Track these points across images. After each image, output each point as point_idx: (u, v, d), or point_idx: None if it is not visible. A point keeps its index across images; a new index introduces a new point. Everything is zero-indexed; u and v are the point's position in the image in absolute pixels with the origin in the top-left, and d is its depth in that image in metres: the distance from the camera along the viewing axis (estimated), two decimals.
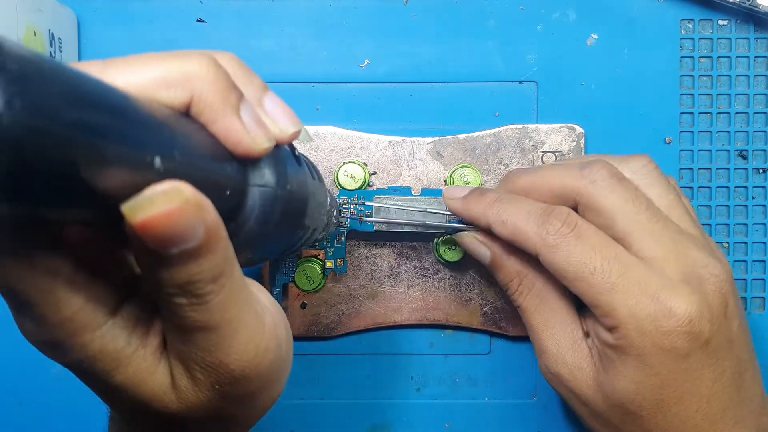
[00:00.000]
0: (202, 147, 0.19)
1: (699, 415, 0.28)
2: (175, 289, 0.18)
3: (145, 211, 0.15)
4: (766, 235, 0.38)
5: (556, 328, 0.30)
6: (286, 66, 0.37)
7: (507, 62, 0.38)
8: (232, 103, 0.20)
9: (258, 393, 0.22)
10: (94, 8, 0.37)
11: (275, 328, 0.21)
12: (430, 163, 0.37)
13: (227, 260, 0.18)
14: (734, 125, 0.38)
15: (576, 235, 0.28)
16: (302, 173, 0.24)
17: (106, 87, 0.15)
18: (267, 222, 0.21)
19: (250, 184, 0.20)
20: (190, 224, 0.16)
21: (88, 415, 0.38)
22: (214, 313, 0.18)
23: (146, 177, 0.15)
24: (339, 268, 0.36)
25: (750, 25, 0.37)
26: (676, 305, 0.26)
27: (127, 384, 0.20)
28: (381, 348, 0.38)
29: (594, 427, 0.30)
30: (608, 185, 0.29)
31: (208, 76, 0.19)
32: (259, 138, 0.20)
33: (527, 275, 0.31)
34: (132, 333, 0.20)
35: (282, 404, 0.38)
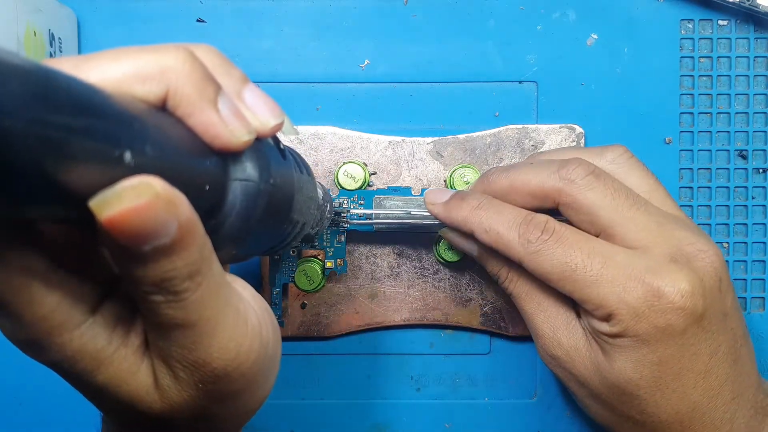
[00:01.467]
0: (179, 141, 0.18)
1: (697, 391, 0.28)
2: (150, 287, 0.17)
3: (112, 207, 0.15)
4: (766, 235, 0.38)
5: (549, 311, 0.30)
6: (286, 66, 0.37)
7: (507, 62, 0.38)
8: (209, 96, 0.19)
9: (243, 392, 0.21)
10: (94, 8, 0.37)
11: (260, 327, 0.21)
12: (430, 163, 0.37)
13: (204, 257, 0.18)
14: (734, 125, 0.38)
15: (555, 239, 0.28)
16: (287, 167, 0.24)
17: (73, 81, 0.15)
18: (249, 217, 0.20)
19: (231, 178, 0.20)
20: (161, 220, 0.16)
21: (88, 415, 0.38)
22: (191, 311, 0.18)
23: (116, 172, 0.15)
24: (339, 268, 0.36)
25: (750, 25, 0.37)
26: (664, 284, 0.27)
27: (110, 384, 0.20)
28: (381, 348, 0.38)
29: (592, 408, 0.31)
30: (586, 183, 0.29)
31: (184, 69, 0.19)
32: (238, 131, 0.20)
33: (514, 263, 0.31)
34: (113, 332, 0.19)
35: (282, 404, 0.38)
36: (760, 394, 0.30)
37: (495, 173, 0.32)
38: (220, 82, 0.20)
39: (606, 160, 0.31)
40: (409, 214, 0.34)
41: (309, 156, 0.37)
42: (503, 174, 0.31)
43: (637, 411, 0.29)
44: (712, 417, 0.28)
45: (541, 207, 0.30)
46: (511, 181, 0.31)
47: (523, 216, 0.29)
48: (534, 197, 0.30)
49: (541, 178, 0.30)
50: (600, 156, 0.31)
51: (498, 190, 0.31)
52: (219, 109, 0.19)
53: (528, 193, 0.30)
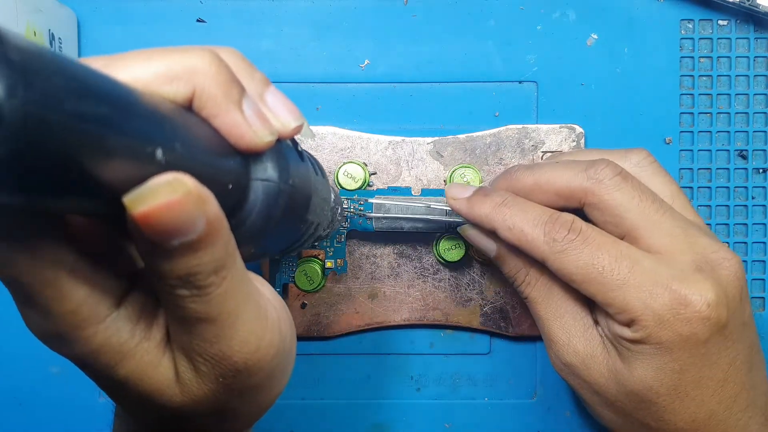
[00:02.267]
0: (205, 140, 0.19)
1: (715, 399, 0.28)
2: (176, 281, 0.18)
3: (146, 202, 0.15)
4: (766, 235, 0.38)
5: (565, 318, 0.30)
6: (286, 66, 0.37)
7: (507, 62, 0.38)
8: (234, 98, 0.20)
9: (261, 386, 0.22)
10: (94, 8, 0.37)
11: (279, 323, 0.21)
12: (430, 163, 0.37)
13: (228, 253, 0.18)
14: (734, 125, 0.38)
15: (582, 239, 0.28)
16: (305, 168, 0.24)
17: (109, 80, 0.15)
18: (270, 216, 0.21)
19: (252, 178, 0.20)
20: (191, 216, 0.16)
21: (87, 415, 0.38)
22: (215, 305, 0.19)
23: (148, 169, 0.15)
24: (339, 268, 0.36)
25: (750, 25, 0.37)
26: (691, 293, 0.27)
27: (131, 377, 0.20)
28: (381, 348, 0.38)
29: (605, 416, 0.30)
30: (614, 183, 0.29)
31: (210, 71, 0.19)
32: (261, 132, 0.20)
33: (534, 265, 0.31)
34: (136, 326, 0.20)
35: (282, 404, 0.38)
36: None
37: (519, 170, 0.31)
38: (243, 84, 0.21)
39: (630, 162, 0.31)
40: (429, 207, 0.34)
41: None
42: (528, 172, 0.31)
43: (654, 418, 0.28)
44: (726, 425, 0.28)
45: (566, 207, 0.30)
46: (536, 178, 0.30)
47: (549, 214, 0.29)
48: (559, 196, 0.30)
49: (568, 177, 0.30)
50: (624, 158, 0.31)
51: (522, 188, 0.31)
52: (243, 110, 0.20)
53: (554, 192, 0.30)
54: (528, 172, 0.31)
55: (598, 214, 0.29)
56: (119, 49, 0.39)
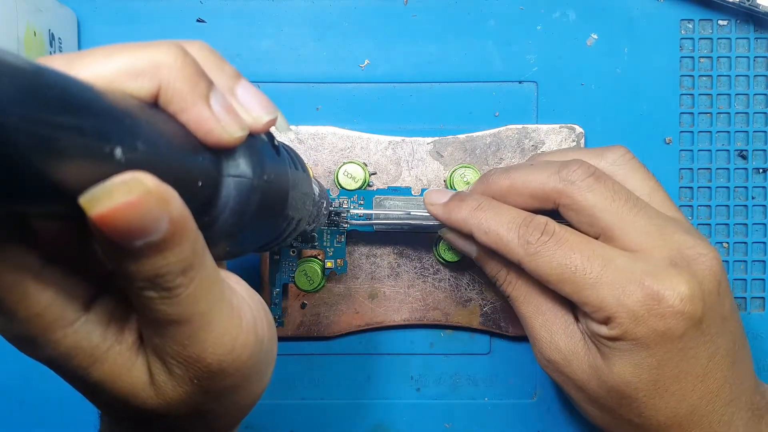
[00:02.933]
0: (171, 137, 0.18)
1: (696, 394, 0.28)
2: (143, 282, 0.17)
3: (103, 203, 0.15)
4: (766, 235, 0.38)
5: (547, 315, 0.30)
6: (286, 66, 0.37)
7: (507, 62, 0.38)
8: (201, 92, 0.19)
9: (239, 388, 0.21)
10: (94, 8, 0.37)
11: (254, 322, 0.21)
12: (430, 163, 0.37)
13: (196, 252, 0.18)
14: (734, 125, 0.38)
15: (555, 240, 0.28)
16: (281, 163, 0.24)
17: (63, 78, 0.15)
18: (243, 213, 0.20)
19: (224, 174, 0.20)
20: (152, 216, 0.16)
21: (87, 415, 0.38)
22: (185, 306, 0.18)
23: (106, 169, 0.15)
24: (339, 268, 0.36)
25: (750, 25, 0.37)
26: (664, 288, 0.27)
27: (105, 380, 0.20)
28: (381, 348, 0.38)
29: (590, 412, 0.31)
30: (586, 184, 0.29)
31: (176, 65, 0.19)
32: (230, 127, 0.20)
33: (512, 266, 0.31)
34: (107, 329, 0.19)
35: (282, 404, 0.38)
36: (756, 395, 0.30)
37: (495, 174, 0.32)
38: (212, 78, 0.20)
39: (607, 161, 0.31)
40: (409, 214, 0.34)
41: (309, 156, 0.37)
42: (503, 175, 0.31)
43: (636, 414, 0.29)
44: (710, 420, 0.28)
45: (541, 208, 0.30)
46: (512, 181, 0.31)
47: (523, 217, 0.29)
48: (534, 198, 0.30)
49: (542, 179, 0.30)
50: (601, 157, 0.31)
51: (498, 191, 0.31)
52: (211, 105, 0.19)
53: (528, 194, 0.30)
54: (504, 175, 0.31)
55: (573, 214, 0.29)
56: None
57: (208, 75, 0.20)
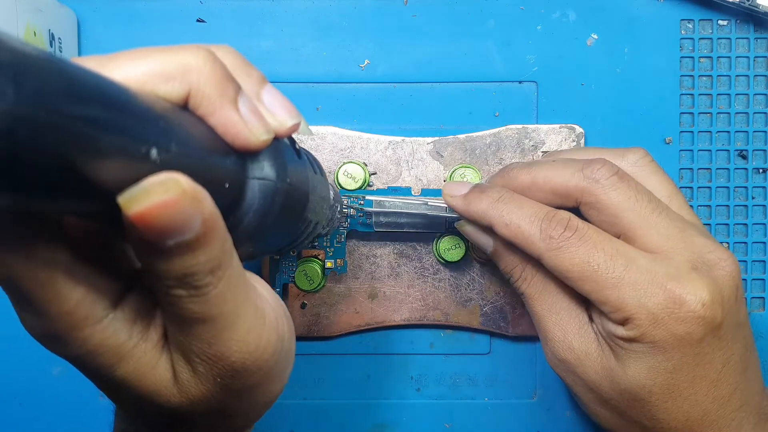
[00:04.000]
0: (200, 139, 0.19)
1: (708, 399, 0.28)
2: (173, 281, 0.18)
3: (141, 202, 0.15)
4: (766, 235, 0.38)
5: (561, 314, 0.30)
6: (286, 66, 0.37)
7: (507, 62, 0.38)
8: (230, 96, 0.20)
9: (260, 386, 0.22)
10: (94, 8, 0.37)
11: (277, 322, 0.21)
12: (430, 163, 0.37)
13: (225, 252, 0.18)
14: (734, 125, 0.38)
15: (578, 237, 0.28)
16: (303, 167, 0.24)
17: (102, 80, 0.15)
18: (267, 215, 0.21)
19: (249, 177, 0.20)
20: (186, 216, 0.16)
21: (87, 416, 0.38)
22: (212, 305, 0.18)
23: (142, 169, 0.15)
24: (339, 268, 0.36)
25: (750, 25, 0.37)
26: (686, 292, 0.27)
27: (129, 378, 0.20)
28: (381, 348, 0.38)
29: (599, 414, 0.30)
30: (610, 183, 0.29)
31: (205, 69, 0.19)
32: (257, 130, 0.20)
33: (530, 261, 0.31)
34: (133, 327, 0.20)
35: (282, 404, 0.38)
36: (764, 400, 0.30)
37: (516, 168, 0.31)
38: (239, 82, 0.21)
39: (628, 162, 0.31)
40: (427, 204, 0.34)
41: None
42: (525, 170, 0.31)
43: (648, 417, 0.28)
44: (720, 425, 0.28)
45: (562, 205, 0.30)
46: (533, 177, 0.30)
47: (546, 212, 0.29)
48: (556, 195, 0.30)
49: (565, 175, 0.30)
50: (621, 158, 0.31)
51: (519, 186, 0.31)
52: (239, 108, 0.20)
53: (550, 191, 0.30)
54: (525, 170, 0.31)
55: (595, 213, 0.29)
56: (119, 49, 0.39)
57: (236, 79, 0.20)
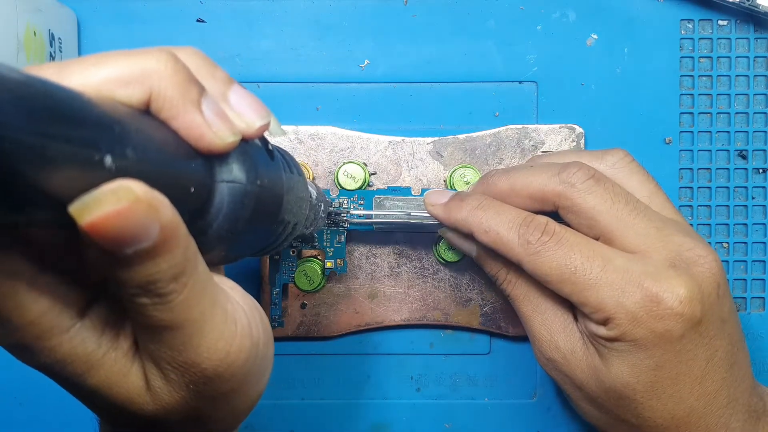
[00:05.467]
0: (163, 144, 0.18)
1: (693, 396, 0.28)
2: (135, 289, 0.17)
3: (92, 212, 0.15)
4: (766, 235, 0.38)
5: (546, 314, 0.30)
6: (286, 66, 0.37)
7: (507, 62, 0.38)
8: (193, 98, 0.19)
9: (235, 392, 0.21)
10: (94, 8, 0.37)
11: (249, 327, 0.21)
12: (430, 163, 0.37)
13: (188, 259, 0.18)
14: (734, 125, 0.38)
15: (555, 241, 0.28)
16: (276, 168, 0.24)
17: (53, 87, 0.15)
18: (237, 219, 0.20)
19: (217, 180, 0.20)
20: (142, 223, 0.16)
21: (87, 416, 0.38)
22: (178, 312, 0.18)
23: (97, 177, 0.15)
24: (339, 268, 0.36)
25: (750, 25, 0.37)
26: (663, 290, 0.27)
27: (101, 386, 0.20)
28: (381, 348, 0.38)
29: (588, 411, 0.31)
30: (586, 187, 0.29)
31: (167, 72, 0.19)
32: (222, 133, 0.20)
33: (512, 265, 0.31)
34: (102, 335, 0.19)
35: (282, 404, 0.38)
36: (754, 397, 0.30)
37: (495, 175, 0.32)
38: (204, 84, 0.20)
39: (606, 164, 0.31)
40: (409, 215, 0.34)
41: (309, 156, 0.37)
42: (503, 176, 0.31)
43: (633, 415, 0.29)
44: (707, 422, 0.28)
45: (540, 210, 0.30)
46: (512, 183, 0.31)
47: (523, 217, 0.29)
48: (534, 200, 0.30)
49: (542, 180, 0.30)
50: (600, 160, 0.31)
51: (498, 192, 0.31)
52: (203, 111, 0.19)
53: (528, 196, 0.30)
54: (504, 176, 0.31)
55: (573, 216, 0.29)
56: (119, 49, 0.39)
57: (200, 81, 0.20)
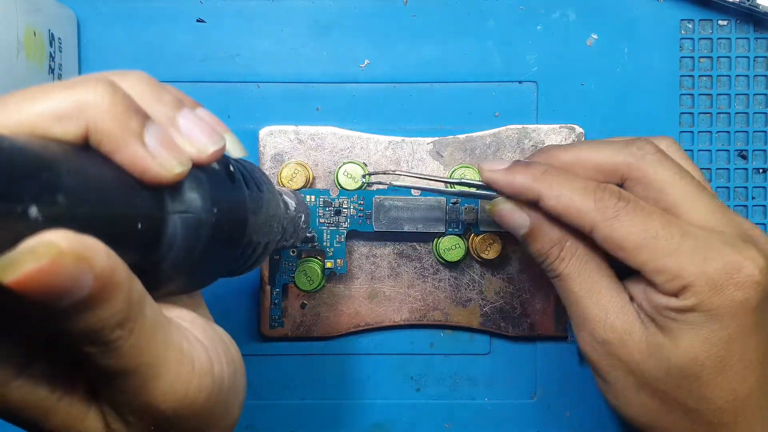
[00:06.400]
0: (103, 182, 0.17)
1: (754, 376, 0.28)
2: (79, 338, 0.17)
3: (15, 270, 0.14)
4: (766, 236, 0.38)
5: (602, 293, 0.29)
6: (286, 66, 0.37)
7: (507, 62, 0.38)
8: (133, 129, 0.18)
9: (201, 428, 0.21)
10: (94, 8, 0.37)
11: (210, 364, 0.20)
12: (430, 163, 0.37)
13: (132, 303, 0.17)
14: (734, 125, 0.38)
15: (633, 207, 0.28)
16: (237, 190, 0.22)
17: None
18: (193, 249, 0.19)
19: (169, 212, 0.19)
20: (70, 276, 0.15)
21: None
22: (128, 358, 0.17)
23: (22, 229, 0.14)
24: (339, 268, 0.36)
25: (750, 25, 0.37)
26: (743, 258, 0.27)
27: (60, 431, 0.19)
28: (381, 348, 0.38)
29: (635, 403, 0.30)
30: (657, 159, 0.29)
31: (104, 103, 0.18)
32: (168, 163, 0.19)
33: (569, 240, 0.30)
34: (54, 381, 0.19)
35: (282, 404, 0.38)
36: None
37: (555, 148, 0.31)
38: (150, 110, 0.19)
39: (661, 146, 0.31)
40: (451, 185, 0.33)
41: (309, 156, 0.37)
42: (565, 149, 0.31)
43: (695, 396, 0.28)
44: (761, 405, 0.28)
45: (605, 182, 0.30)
46: (576, 154, 0.30)
47: (596, 183, 0.29)
48: (600, 171, 0.30)
49: (609, 152, 0.29)
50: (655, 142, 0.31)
51: (561, 163, 0.30)
52: (146, 141, 0.18)
53: (594, 167, 0.30)
54: (565, 149, 0.31)
55: (640, 188, 0.29)
56: (119, 50, 0.39)
57: (147, 107, 0.19)
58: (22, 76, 0.30)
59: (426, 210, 0.35)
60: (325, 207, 0.35)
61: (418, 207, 0.35)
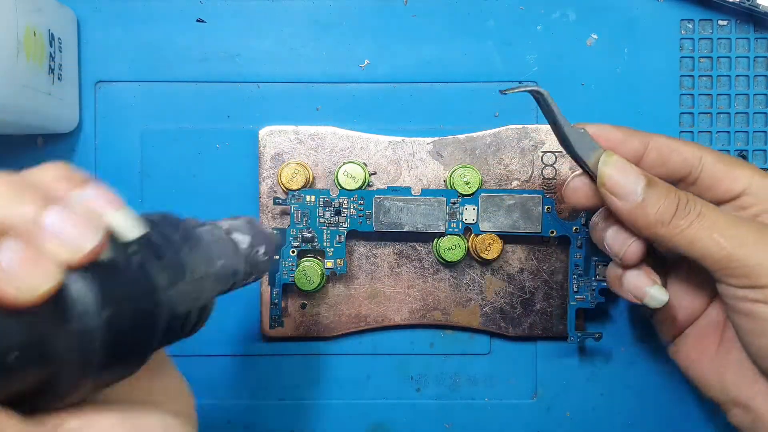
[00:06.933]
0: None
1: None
2: None
3: None
4: None
5: (749, 237, 0.30)
6: (286, 66, 0.37)
7: (507, 62, 0.38)
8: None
9: None
10: (94, 8, 0.37)
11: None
12: (430, 163, 0.37)
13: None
14: (734, 125, 0.38)
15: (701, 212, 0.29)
16: (140, 274, 0.19)
17: None
18: (88, 357, 0.17)
19: (49, 327, 0.17)
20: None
21: None
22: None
23: None
24: (339, 268, 0.36)
25: (750, 25, 0.37)
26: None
27: None
28: (381, 348, 0.38)
29: None
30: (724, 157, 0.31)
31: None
32: (29, 283, 0.16)
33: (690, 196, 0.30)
34: None
35: (282, 404, 0.38)
36: None
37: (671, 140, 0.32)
38: (8, 216, 0.17)
39: None
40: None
41: (309, 156, 0.37)
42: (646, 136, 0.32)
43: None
44: None
45: None
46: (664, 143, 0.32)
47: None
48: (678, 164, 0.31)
49: None
50: None
51: None
52: None
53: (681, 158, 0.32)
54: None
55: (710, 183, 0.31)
56: (119, 50, 0.39)
57: (4, 218, 0.17)
58: (22, 76, 0.30)
59: (426, 210, 0.35)
60: (325, 207, 0.35)
61: (418, 207, 0.35)
